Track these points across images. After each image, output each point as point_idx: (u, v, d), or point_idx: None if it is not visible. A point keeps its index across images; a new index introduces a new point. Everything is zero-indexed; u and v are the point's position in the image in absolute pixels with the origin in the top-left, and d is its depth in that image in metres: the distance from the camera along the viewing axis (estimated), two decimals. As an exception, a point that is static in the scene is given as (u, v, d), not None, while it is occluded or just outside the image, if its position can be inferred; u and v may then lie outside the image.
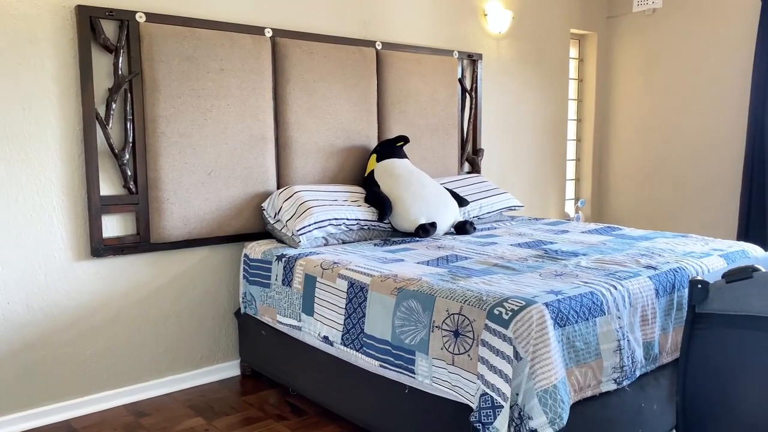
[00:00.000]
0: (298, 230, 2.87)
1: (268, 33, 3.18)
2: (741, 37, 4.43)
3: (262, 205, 3.13)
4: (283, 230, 2.98)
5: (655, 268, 2.42)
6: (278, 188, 3.24)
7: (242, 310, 3.10)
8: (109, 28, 2.73)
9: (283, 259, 2.80)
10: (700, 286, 1.85)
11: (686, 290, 2.37)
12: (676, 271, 2.43)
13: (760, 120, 4.25)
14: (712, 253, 2.71)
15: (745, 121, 4.43)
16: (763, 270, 1.75)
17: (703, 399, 1.87)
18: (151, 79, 2.80)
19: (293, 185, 3.15)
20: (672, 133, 4.87)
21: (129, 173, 2.80)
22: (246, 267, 3.04)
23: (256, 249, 3.00)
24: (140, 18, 2.77)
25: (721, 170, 4.61)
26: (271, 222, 3.05)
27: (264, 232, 3.21)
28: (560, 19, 4.80)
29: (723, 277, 1.84)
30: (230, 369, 3.23)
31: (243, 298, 3.07)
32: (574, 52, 5.20)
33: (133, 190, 2.83)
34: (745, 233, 4.36)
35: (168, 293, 3.01)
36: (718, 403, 1.83)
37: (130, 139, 2.80)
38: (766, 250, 3.49)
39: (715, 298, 1.83)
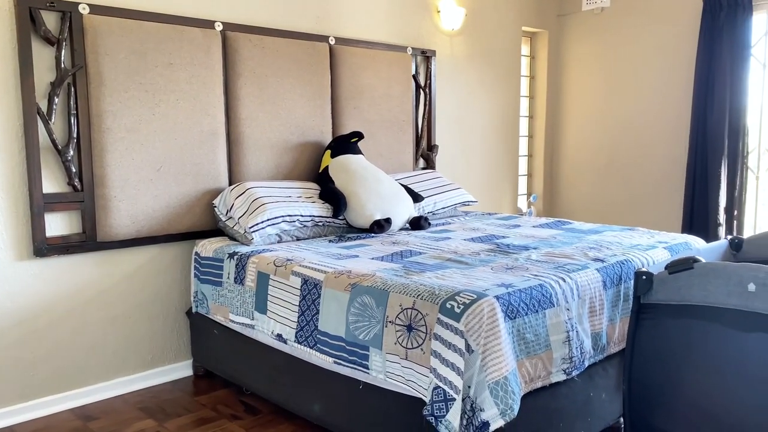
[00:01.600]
0: (250, 227, 2.84)
1: (219, 27, 3.12)
2: (684, 36, 4.58)
3: (214, 201, 3.07)
4: (235, 227, 2.94)
5: (602, 261, 2.48)
6: (230, 185, 3.18)
7: (194, 310, 3.04)
8: (50, 20, 2.63)
9: (235, 257, 2.76)
10: (644, 277, 1.90)
11: (632, 282, 2.44)
12: (623, 264, 2.50)
13: (702, 118, 4.41)
14: (657, 246, 2.80)
15: (688, 119, 4.59)
16: (703, 261, 1.81)
17: (649, 386, 1.93)
18: (96, 73, 2.72)
19: (245, 182, 3.10)
20: (620, 129, 5.00)
21: (73, 170, 2.71)
22: (197, 265, 2.98)
23: (207, 247, 2.95)
24: (83, 9, 2.69)
25: (666, 166, 4.76)
26: (223, 219, 3.01)
27: (216, 230, 3.16)
28: (512, 17, 4.87)
29: (666, 268, 1.89)
30: (182, 369, 3.17)
31: (194, 297, 3.02)
32: (525, 49, 5.28)
33: (78, 187, 2.74)
34: (689, 226, 4.51)
35: (116, 293, 2.93)
36: (663, 390, 1.89)
37: (75, 135, 2.71)
38: (707, 242, 3.61)
39: (659, 289, 1.89)
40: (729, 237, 2.31)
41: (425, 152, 4.26)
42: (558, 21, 5.30)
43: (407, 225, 3.39)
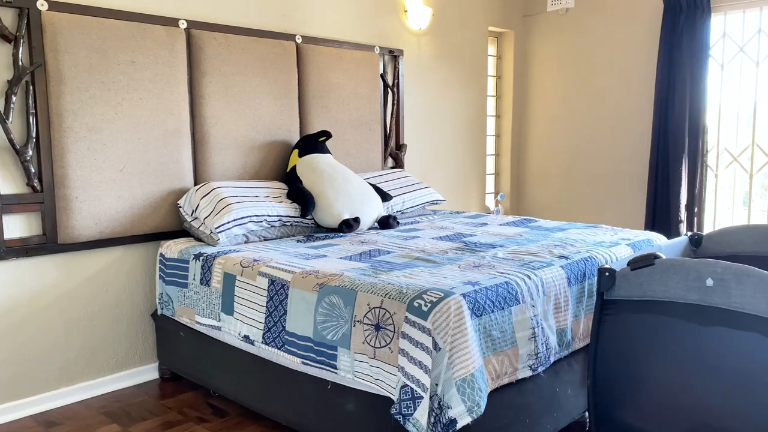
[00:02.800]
0: (216, 228, 2.80)
1: (183, 24, 3.08)
2: (646, 37, 4.68)
3: (179, 202, 3.03)
4: (200, 228, 2.90)
5: (567, 258, 2.52)
6: (195, 185, 3.14)
7: (159, 312, 3.00)
8: (6, 17, 2.56)
9: (201, 258, 2.72)
10: (607, 274, 1.94)
11: (596, 278, 2.48)
12: (587, 260, 2.54)
13: (663, 117, 4.51)
14: (620, 242, 2.85)
15: (650, 118, 4.68)
16: (664, 257, 1.86)
17: (612, 380, 1.96)
18: (56, 71, 2.65)
19: (211, 181, 3.07)
20: (584, 128, 5.08)
21: (33, 170, 2.64)
22: (162, 267, 2.94)
23: (172, 248, 2.90)
24: (42, 6, 2.62)
25: (630, 164, 4.85)
26: (188, 220, 2.97)
27: (181, 231, 3.11)
28: (478, 17, 4.91)
29: (628, 264, 1.93)
30: (148, 372, 3.12)
31: (160, 299, 2.97)
32: (492, 49, 5.33)
33: (38, 188, 2.68)
34: (651, 223, 4.61)
35: (79, 296, 2.87)
36: (626, 384, 1.93)
37: (34, 135, 2.64)
38: (669, 239, 3.70)
39: (622, 285, 1.93)
40: (689, 233, 2.37)
41: (393, 151, 4.27)
42: (524, 21, 5.36)
43: (376, 224, 3.39)
